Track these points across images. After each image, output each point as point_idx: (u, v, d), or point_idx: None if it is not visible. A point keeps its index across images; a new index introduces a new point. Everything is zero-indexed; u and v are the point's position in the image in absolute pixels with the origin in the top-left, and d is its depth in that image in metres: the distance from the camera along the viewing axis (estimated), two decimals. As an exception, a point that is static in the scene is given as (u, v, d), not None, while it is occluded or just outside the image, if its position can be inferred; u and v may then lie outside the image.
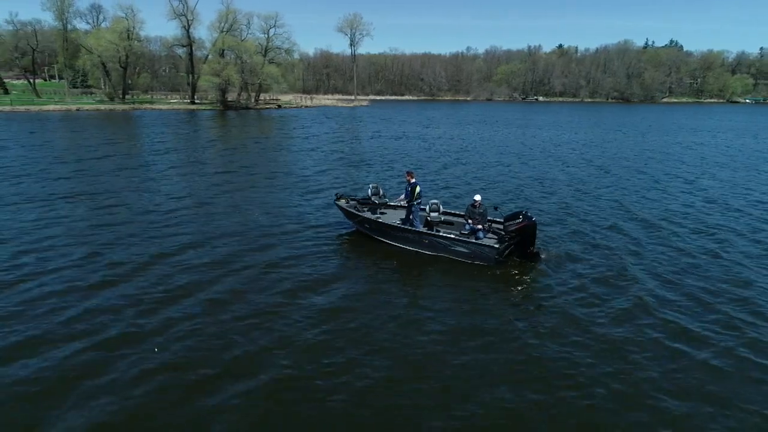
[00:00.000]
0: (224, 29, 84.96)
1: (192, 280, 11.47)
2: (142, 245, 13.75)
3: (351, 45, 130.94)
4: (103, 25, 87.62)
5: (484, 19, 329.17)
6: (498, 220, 13.61)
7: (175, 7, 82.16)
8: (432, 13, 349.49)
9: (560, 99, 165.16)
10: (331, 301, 10.56)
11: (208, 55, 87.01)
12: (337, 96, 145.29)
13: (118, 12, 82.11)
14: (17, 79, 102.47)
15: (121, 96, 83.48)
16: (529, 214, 12.45)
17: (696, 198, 21.60)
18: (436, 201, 14.42)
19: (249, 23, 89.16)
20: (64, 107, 69.68)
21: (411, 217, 13.84)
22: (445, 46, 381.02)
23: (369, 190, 15.55)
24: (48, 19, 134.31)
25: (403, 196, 14.08)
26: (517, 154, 35.38)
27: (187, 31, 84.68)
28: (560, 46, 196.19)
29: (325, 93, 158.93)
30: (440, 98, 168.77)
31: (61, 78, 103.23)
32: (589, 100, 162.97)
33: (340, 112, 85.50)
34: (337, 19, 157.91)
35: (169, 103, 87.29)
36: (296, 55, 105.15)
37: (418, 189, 13.68)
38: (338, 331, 9.33)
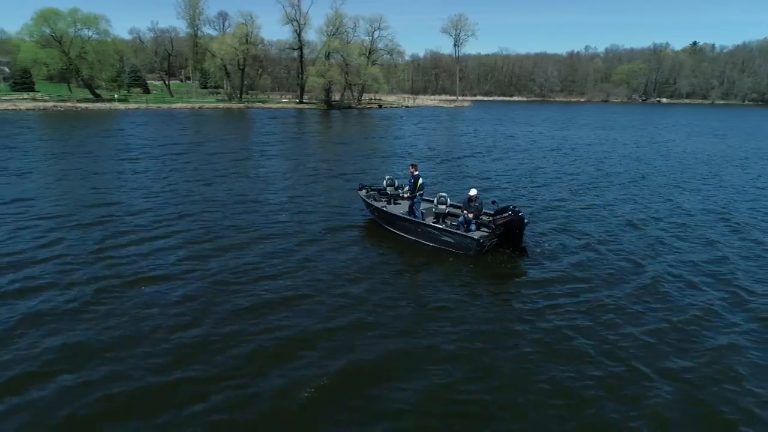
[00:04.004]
0: (331, 32, 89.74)
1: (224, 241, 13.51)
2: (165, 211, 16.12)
3: (455, 45, 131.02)
4: (228, 30, 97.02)
5: (606, 16, 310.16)
6: (490, 212, 14.02)
7: (288, 13, 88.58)
8: (548, 9, 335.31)
9: (687, 101, 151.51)
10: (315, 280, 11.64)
11: (316, 57, 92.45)
12: (442, 96, 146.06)
13: (239, 19, 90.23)
14: (159, 80, 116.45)
15: (238, 95, 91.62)
16: (517, 209, 12.77)
17: None
18: (444, 194, 15.10)
19: (355, 26, 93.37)
20: (188, 105, 78.28)
21: (414, 207, 14.72)
22: (561, 45, 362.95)
23: (384, 182, 16.63)
24: (182, 26, 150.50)
25: (407, 188, 15.00)
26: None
27: (298, 34, 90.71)
28: (694, 43, 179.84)
29: (433, 93, 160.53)
30: (551, 99, 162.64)
31: (193, 80, 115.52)
32: (722, 102, 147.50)
33: (437, 112, 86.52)
34: (443, 20, 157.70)
35: (280, 102, 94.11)
36: (407, 57, 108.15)
37: (420, 181, 14.37)
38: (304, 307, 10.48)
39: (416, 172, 14.52)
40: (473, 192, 13.91)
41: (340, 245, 13.98)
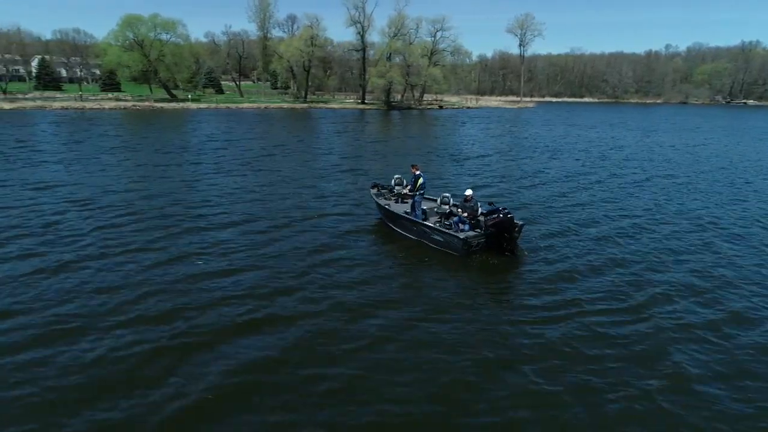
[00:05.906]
0: (393, 34, 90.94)
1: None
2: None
3: (520, 45, 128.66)
4: (296, 33, 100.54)
5: (690, 13, 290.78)
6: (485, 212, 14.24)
7: (352, 15, 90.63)
8: (626, 7, 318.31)
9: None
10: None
11: (378, 59, 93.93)
12: (508, 97, 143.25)
13: (305, 21, 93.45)
14: (232, 81, 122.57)
15: (303, 96, 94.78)
16: (507, 210, 12.90)
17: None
18: (447, 194, 15.31)
19: (418, 27, 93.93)
20: (255, 105, 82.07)
21: (414, 206, 15.00)
22: (639, 44, 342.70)
23: (393, 181, 17.24)
24: (253, 29, 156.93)
25: (408, 187, 15.54)
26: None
27: (362, 36, 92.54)
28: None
29: (500, 94, 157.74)
30: (624, 101, 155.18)
31: (263, 81, 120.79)
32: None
33: (496, 114, 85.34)
34: (509, 20, 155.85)
35: (343, 102, 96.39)
36: (474, 57, 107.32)
37: (420, 181, 14.76)
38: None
39: (417, 172, 14.96)
40: (469, 192, 14.27)
41: (342, 239, 14.78)
